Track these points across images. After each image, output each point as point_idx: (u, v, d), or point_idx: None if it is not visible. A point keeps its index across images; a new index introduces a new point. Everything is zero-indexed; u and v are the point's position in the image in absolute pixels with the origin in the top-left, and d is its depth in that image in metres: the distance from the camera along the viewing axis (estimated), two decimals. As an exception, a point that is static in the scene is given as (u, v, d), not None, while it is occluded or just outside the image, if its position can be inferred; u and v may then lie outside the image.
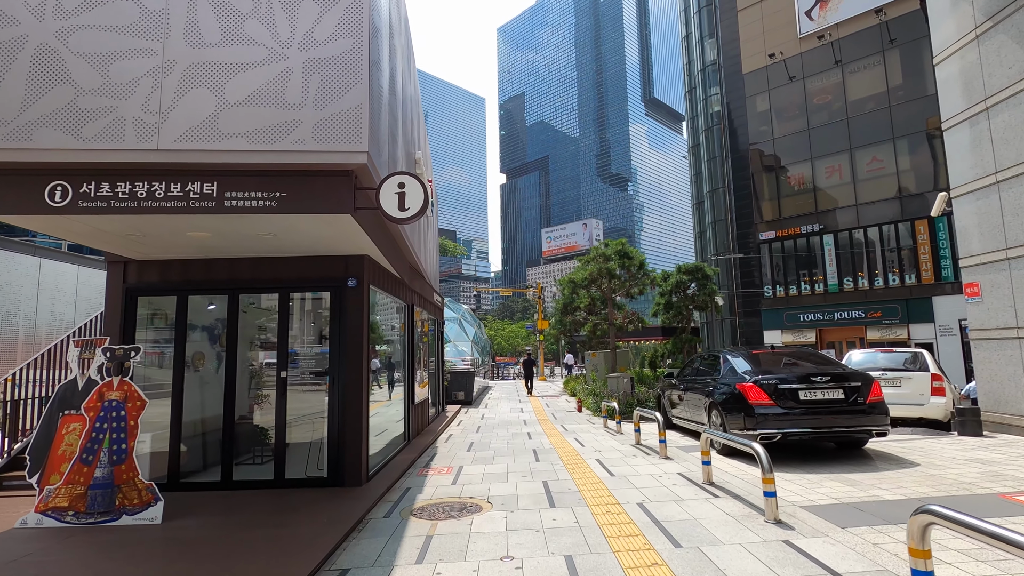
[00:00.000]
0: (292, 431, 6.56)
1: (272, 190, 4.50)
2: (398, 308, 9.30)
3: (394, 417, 8.83)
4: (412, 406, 9.52)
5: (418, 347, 10.26)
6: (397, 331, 9.39)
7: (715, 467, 6.23)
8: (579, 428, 11.59)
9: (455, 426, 12.40)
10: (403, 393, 9.26)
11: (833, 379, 7.21)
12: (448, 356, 19.04)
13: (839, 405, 7.09)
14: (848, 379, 7.27)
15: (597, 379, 17.29)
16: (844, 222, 27.50)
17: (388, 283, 7.88)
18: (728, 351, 9.03)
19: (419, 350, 10.41)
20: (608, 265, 16.83)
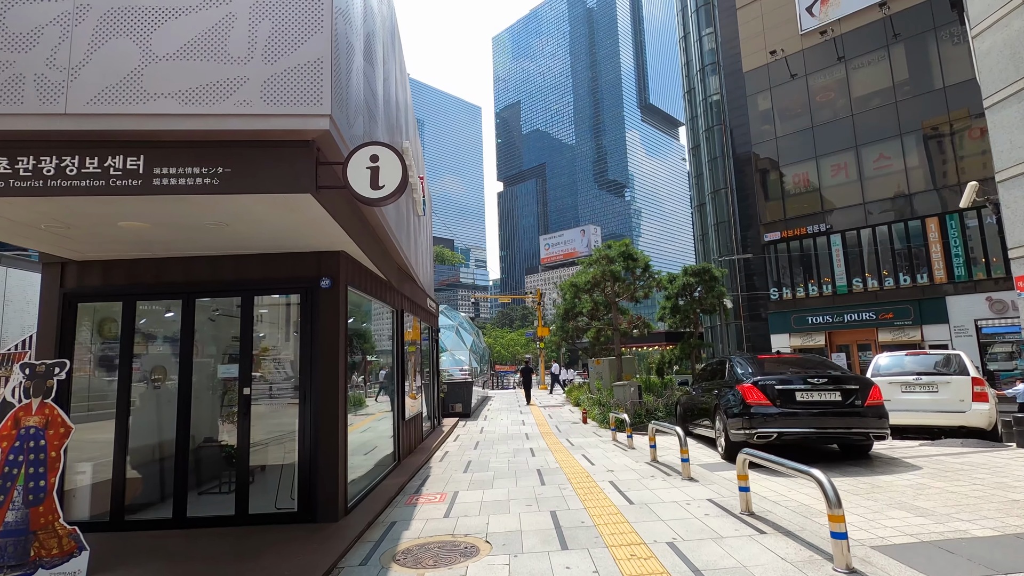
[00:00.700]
0: (263, 455, 5.67)
1: (213, 165, 3.63)
2: (385, 314, 8.42)
3: (382, 435, 7.92)
4: (403, 422, 8.61)
5: (409, 356, 9.36)
6: (385, 339, 8.50)
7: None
8: (586, 442, 10.67)
9: (452, 442, 11.47)
10: (392, 408, 8.35)
11: (831, 381, 7.33)
12: (445, 366, 18.13)
13: (837, 407, 7.20)
14: (846, 382, 7.39)
15: (602, 388, 16.37)
16: (851, 221, 26.72)
17: (371, 285, 7.00)
18: (734, 356, 9.14)
19: (411, 360, 9.51)
20: (612, 267, 15.97)
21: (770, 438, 7.14)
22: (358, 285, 6.33)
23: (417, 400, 10.08)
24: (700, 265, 18.00)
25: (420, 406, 10.45)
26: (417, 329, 10.74)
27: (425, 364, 12.25)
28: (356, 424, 6.84)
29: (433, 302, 13.14)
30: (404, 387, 8.71)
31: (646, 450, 9.11)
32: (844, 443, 7.82)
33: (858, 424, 7.15)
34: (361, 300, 6.86)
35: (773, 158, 29.57)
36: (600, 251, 16.79)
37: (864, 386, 7.39)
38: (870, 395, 7.31)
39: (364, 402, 7.15)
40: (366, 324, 7.94)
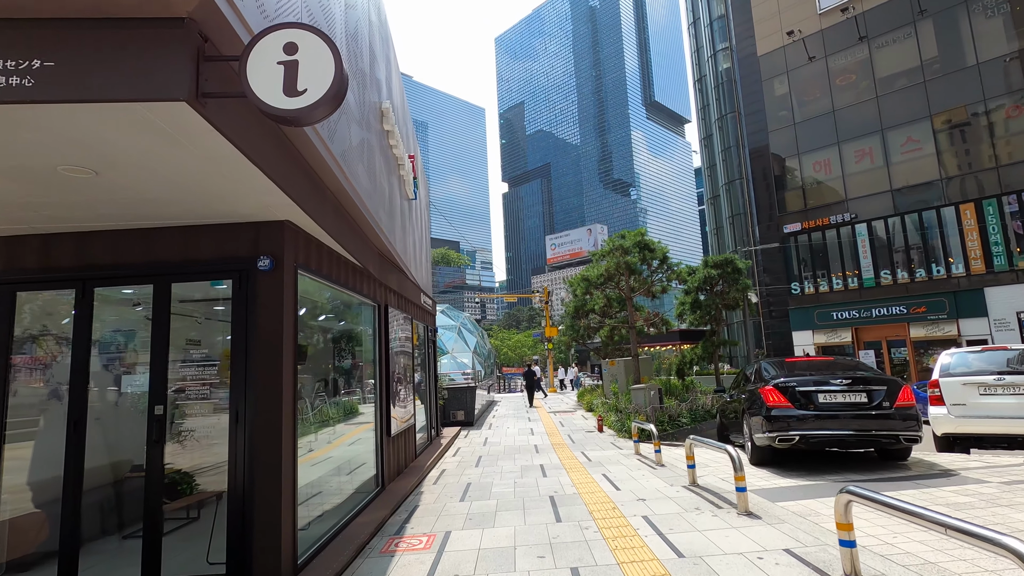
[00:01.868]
0: (196, 489, 4.29)
1: (25, 55, 2.24)
2: (364, 311, 7.01)
3: (359, 457, 6.51)
4: (387, 439, 7.19)
5: (397, 360, 7.95)
6: (365, 341, 7.09)
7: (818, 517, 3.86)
8: (605, 457, 9.21)
9: (450, 457, 10.05)
10: (375, 422, 6.94)
11: (855, 382, 7.14)
12: (445, 369, 16.74)
13: (862, 409, 7.01)
14: (873, 383, 7.19)
15: (618, 391, 14.91)
16: (878, 210, 25.10)
17: (339, 272, 5.59)
18: (763, 360, 9.09)
19: (399, 364, 8.10)
20: (627, 259, 14.52)
21: (792, 441, 7.01)
22: (317, 270, 4.93)
23: (408, 410, 8.67)
24: (722, 256, 16.50)
25: (413, 417, 9.04)
26: (410, 329, 9.34)
27: (421, 368, 10.84)
28: (324, 448, 5.45)
29: (429, 299, 11.74)
30: (389, 397, 7.30)
31: (679, 467, 7.64)
32: (880, 448, 7.53)
33: (886, 426, 6.90)
34: (323, 290, 5.45)
35: (791, 145, 27.99)
36: (613, 241, 15.34)
37: (893, 387, 7.19)
38: (900, 396, 7.07)
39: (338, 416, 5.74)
40: (342, 322, 6.55)
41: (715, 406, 14.44)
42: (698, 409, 13.84)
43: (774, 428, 7.10)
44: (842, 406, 7.05)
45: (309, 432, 4.98)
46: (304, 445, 4.74)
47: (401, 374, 8.21)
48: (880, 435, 6.91)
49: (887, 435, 6.90)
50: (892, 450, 7.67)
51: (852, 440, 6.99)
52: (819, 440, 6.97)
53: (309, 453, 4.92)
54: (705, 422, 13.58)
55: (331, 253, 5.31)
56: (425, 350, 11.15)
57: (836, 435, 6.90)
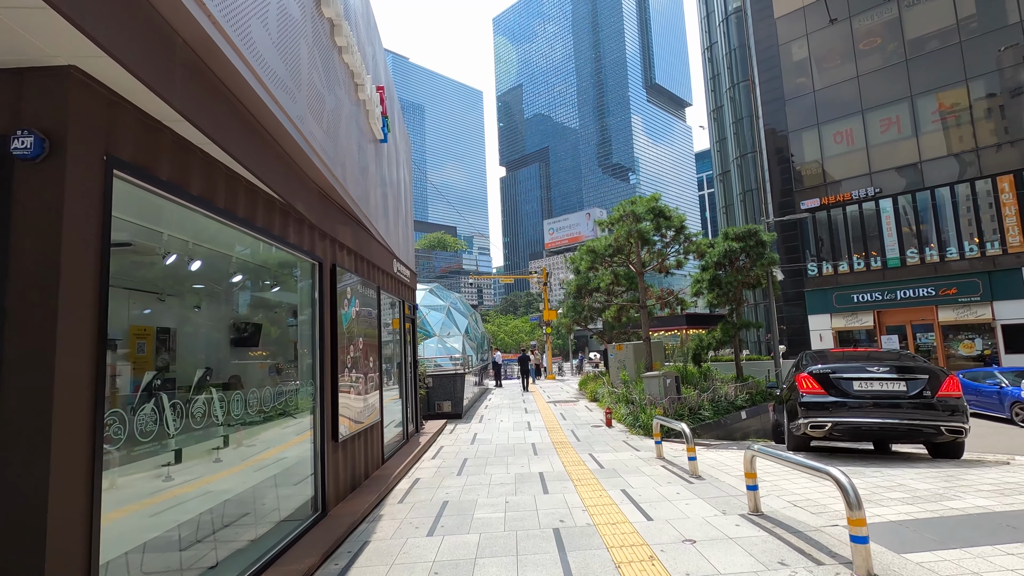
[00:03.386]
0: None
1: None
2: (293, 270, 5.07)
3: (285, 477, 4.62)
4: (333, 446, 5.30)
5: (348, 338, 6.04)
6: (303, 312, 5.17)
7: None
8: (620, 462, 7.36)
9: (428, 460, 8.19)
10: (313, 424, 5.04)
11: (893, 371, 7.00)
12: (431, 354, 14.88)
13: (901, 398, 6.84)
14: (913, 372, 6.98)
15: (628, 379, 13.06)
16: (905, 183, 23.16)
17: (228, 195, 3.63)
18: (807, 351, 8.93)
19: (353, 346, 6.19)
20: (640, 227, 12.56)
21: (824, 428, 6.97)
22: (171, 181, 2.96)
23: (370, 405, 6.78)
24: (744, 227, 14.57)
25: (379, 413, 7.15)
26: (376, 301, 7.42)
27: (393, 352, 8.95)
28: (213, 470, 3.57)
29: (407, 270, 9.81)
30: (337, 389, 5.39)
31: (722, 481, 5.77)
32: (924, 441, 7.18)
33: (926, 417, 6.67)
34: (202, 223, 3.48)
35: (810, 114, 25.94)
36: (624, 207, 13.36)
37: (935, 377, 6.89)
38: (943, 386, 6.80)
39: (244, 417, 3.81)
40: (248, 280, 4.63)
41: (738, 397, 12.65)
42: (720, 400, 12.02)
43: (806, 415, 7.06)
44: (879, 395, 6.88)
45: (168, 448, 3.07)
46: (151, 473, 2.85)
47: (359, 358, 6.30)
48: (919, 426, 6.66)
49: (927, 426, 6.64)
50: (940, 445, 7.28)
51: (888, 430, 6.78)
52: (852, 428, 6.89)
53: (166, 486, 3.02)
54: (728, 415, 11.77)
55: (208, 161, 3.35)
56: (401, 330, 9.24)
57: (870, 423, 6.77)
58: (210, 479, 3.54)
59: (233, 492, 3.86)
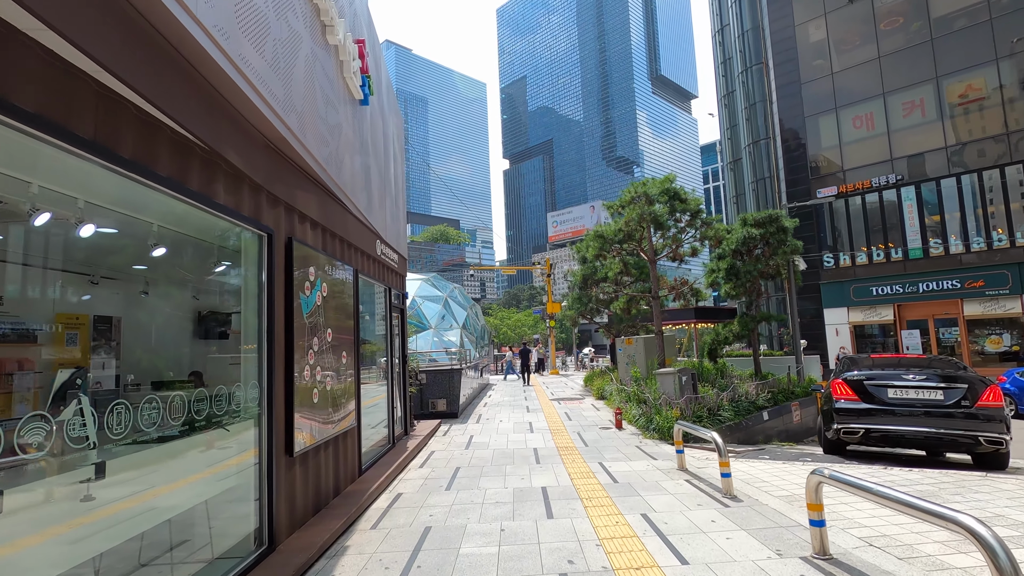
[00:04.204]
0: None
1: None
2: (230, 239, 4.03)
3: (219, 506, 3.60)
4: (285, 463, 4.28)
5: (311, 329, 5.00)
6: (248, 295, 4.13)
7: None
8: (636, 474, 6.32)
9: (415, 469, 7.17)
10: (258, 439, 4.01)
11: (930, 379, 7.00)
12: (426, 348, 13.86)
13: (937, 406, 6.81)
14: (952, 380, 6.91)
15: (640, 376, 12.01)
16: (930, 170, 21.96)
17: (102, 124, 2.56)
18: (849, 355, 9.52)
19: (319, 338, 5.15)
20: (652, 209, 11.46)
21: (857, 435, 7.09)
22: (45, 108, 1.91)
23: (345, 410, 5.75)
24: (765, 212, 13.45)
25: (355, 417, 6.13)
26: (352, 285, 6.38)
27: (377, 344, 7.92)
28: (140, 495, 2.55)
29: (394, 253, 8.76)
30: (292, 391, 4.36)
31: (767, 506, 4.72)
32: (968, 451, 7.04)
33: (964, 427, 6.64)
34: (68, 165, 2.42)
35: (828, 98, 24.71)
36: (635, 188, 12.24)
37: (975, 386, 6.81)
38: (983, 396, 6.72)
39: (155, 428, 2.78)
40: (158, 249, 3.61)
41: (759, 396, 11.61)
42: (740, 400, 10.97)
43: (839, 421, 7.20)
44: (914, 403, 6.91)
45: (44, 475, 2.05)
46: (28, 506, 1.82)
47: (327, 353, 5.26)
48: (956, 435, 6.64)
49: (964, 436, 6.62)
50: (983, 455, 7.03)
51: (923, 438, 6.81)
52: (885, 435, 6.97)
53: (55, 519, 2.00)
54: (750, 416, 10.73)
55: (65, 71, 2.29)
56: (387, 321, 8.20)
57: (904, 431, 6.83)
58: (113, 510, 2.53)
59: (150, 524, 2.86)
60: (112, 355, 2.92)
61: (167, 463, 3.16)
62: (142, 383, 3.10)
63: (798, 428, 12.48)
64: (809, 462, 6.93)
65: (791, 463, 6.92)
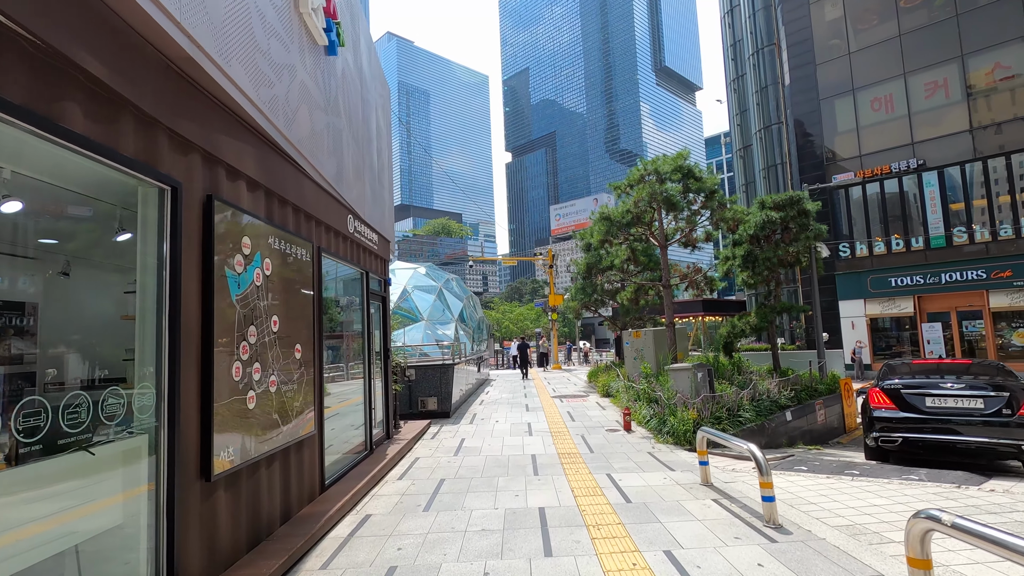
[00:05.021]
0: None
1: None
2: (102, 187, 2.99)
3: (101, 548, 2.56)
4: (199, 491, 3.26)
5: (247, 316, 3.97)
6: (143, 266, 3.09)
7: None
8: (654, 492, 5.29)
9: (392, 483, 6.15)
10: (155, 461, 2.98)
11: (970, 387, 6.90)
12: (417, 341, 12.84)
13: (975, 415, 6.73)
14: (992, 388, 6.78)
15: (650, 372, 10.97)
16: (953, 153, 20.76)
17: None
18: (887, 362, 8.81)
19: (257, 324, 4.12)
20: (664, 188, 10.35)
21: (895, 443, 7.08)
22: None
23: (301, 411, 4.72)
24: (785, 195, 12.36)
25: (316, 422, 5.11)
26: (310, 263, 5.35)
27: (349, 334, 6.90)
28: None
29: (372, 233, 7.71)
30: (211, 395, 3.34)
31: (811, 529, 3.66)
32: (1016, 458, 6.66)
33: (1004, 435, 6.50)
34: None
35: (845, 80, 23.48)
36: (646, 166, 11.14)
37: (1018, 394, 6.62)
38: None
39: None
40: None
41: (781, 394, 10.56)
42: (762, 399, 9.92)
43: (876, 429, 7.22)
44: (952, 412, 6.86)
45: None
46: None
47: (273, 346, 4.24)
48: (995, 444, 6.58)
49: (1005, 445, 6.53)
50: None
51: (961, 448, 6.74)
52: (923, 445, 6.94)
53: None
54: (773, 416, 9.68)
55: None
56: (364, 310, 7.16)
57: (942, 440, 6.78)
58: None
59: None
60: None
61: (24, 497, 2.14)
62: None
63: (822, 428, 11.45)
64: (858, 476, 5.88)
65: (836, 477, 5.88)
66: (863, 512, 4.42)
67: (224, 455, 3.47)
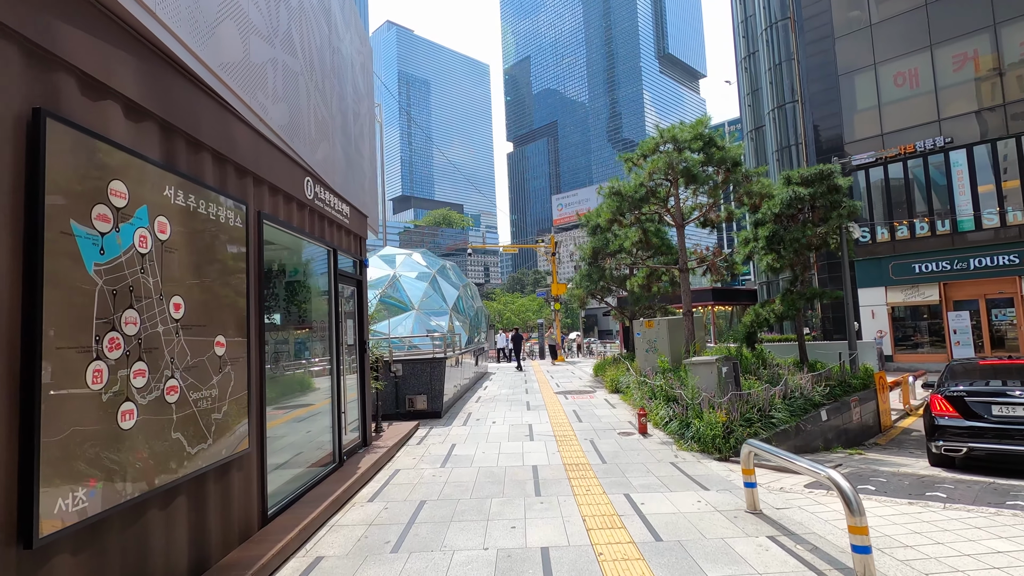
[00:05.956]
0: None
1: None
2: None
3: None
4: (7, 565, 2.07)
5: (128, 297, 2.77)
6: None
7: None
8: (690, 525, 4.12)
9: (359, 507, 5.00)
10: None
11: None
12: (407, 332, 11.66)
13: None
14: None
15: (666, 366, 9.77)
16: (984, 130, 19.42)
17: None
18: (951, 362, 8.38)
19: (144, 307, 2.93)
20: (684, 157, 9.11)
21: (960, 453, 6.64)
22: None
23: (225, 425, 3.56)
24: (815, 168, 11.11)
25: (253, 437, 3.94)
26: (244, 231, 4.17)
27: (317, 326, 5.72)
28: None
29: (344, 203, 6.49)
30: (30, 410, 2.16)
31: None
32: None
33: None
34: None
35: (865, 53, 22.07)
36: (662, 134, 9.88)
37: None
38: None
39: None
40: None
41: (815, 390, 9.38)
42: (794, 396, 8.75)
43: (939, 439, 6.82)
44: (1022, 421, 6.34)
45: None
46: None
47: (162, 336, 3.05)
48: None
49: None
50: None
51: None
52: (991, 455, 6.54)
53: None
54: (806, 416, 8.50)
55: None
56: (332, 296, 5.97)
57: (1012, 452, 6.32)
58: None
59: None
60: None
61: None
62: None
63: (857, 428, 10.27)
64: (949, 502, 4.68)
65: (921, 502, 4.69)
66: (990, 566, 3.24)
67: (65, 506, 2.30)
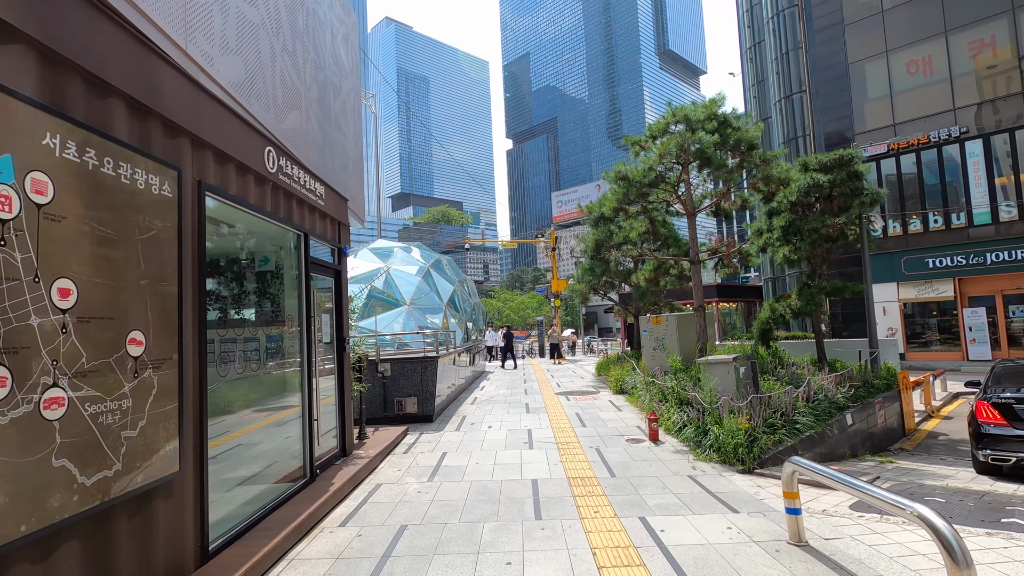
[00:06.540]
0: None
1: None
2: None
3: None
4: None
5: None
6: None
7: None
8: (723, 560, 3.37)
9: (327, 534, 4.25)
10: None
11: None
12: (396, 329, 10.92)
13: None
14: None
15: (678, 366, 9.02)
16: (1002, 120, 18.65)
17: None
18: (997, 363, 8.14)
19: (9, 291, 2.17)
20: (698, 138, 8.36)
21: (1009, 463, 6.34)
22: None
23: (138, 448, 2.81)
24: (834, 153, 10.36)
25: (179, 456, 3.20)
26: (170, 207, 3.41)
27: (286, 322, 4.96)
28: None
29: (319, 182, 5.73)
30: None
31: None
32: None
33: None
34: None
35: (877, 40, 21.29)
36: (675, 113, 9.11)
37: None
38: None
39: None
40: None
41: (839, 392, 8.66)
42: (818, 399, 8.01)
43: (988, 446, 6.53)
44: None
45: None
46: None
47: (39, 331, 2.31)
48: None
49: None
50: None
51: None
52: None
53: None
54: (832, 420, 7.76)
55: None
56: (301, 287, 5.22)
57: None
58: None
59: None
60: None
61: None
62: None
63: (881, 432, 9.54)
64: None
65: (1004, 532, 3.95)
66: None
67: None
